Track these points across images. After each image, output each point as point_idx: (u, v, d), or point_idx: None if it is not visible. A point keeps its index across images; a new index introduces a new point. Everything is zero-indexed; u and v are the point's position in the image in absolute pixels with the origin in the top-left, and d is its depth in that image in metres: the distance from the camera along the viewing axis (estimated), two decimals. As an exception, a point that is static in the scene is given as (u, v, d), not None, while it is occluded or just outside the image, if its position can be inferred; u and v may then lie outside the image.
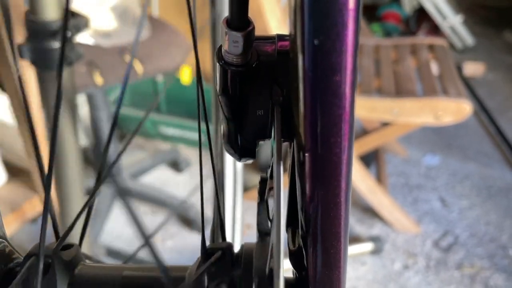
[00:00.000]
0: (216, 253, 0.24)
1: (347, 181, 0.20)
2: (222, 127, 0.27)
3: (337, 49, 0.17)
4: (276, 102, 0.24)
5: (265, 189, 0.24)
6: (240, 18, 0.21)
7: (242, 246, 0.26)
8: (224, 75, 0.23)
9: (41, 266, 0.22)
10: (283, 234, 0.28)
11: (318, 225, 0.22)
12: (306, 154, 0.20)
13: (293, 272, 0.27)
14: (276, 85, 0.24)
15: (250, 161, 0.28)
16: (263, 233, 0.26)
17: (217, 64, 0.23)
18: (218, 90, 0.24)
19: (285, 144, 0.26)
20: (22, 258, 0.25)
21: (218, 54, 0.23)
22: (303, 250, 0.24)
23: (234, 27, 0.21)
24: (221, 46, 0.23)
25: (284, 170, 0.24)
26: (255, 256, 0.24)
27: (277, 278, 0.17)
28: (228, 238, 0.83)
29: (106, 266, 0.26)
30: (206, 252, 0.24)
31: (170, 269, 0.26)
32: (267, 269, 0.24)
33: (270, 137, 0.26)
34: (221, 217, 0.26)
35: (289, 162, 0.25)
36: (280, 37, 0.24)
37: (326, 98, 0.18)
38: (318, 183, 0.20)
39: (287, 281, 0.27)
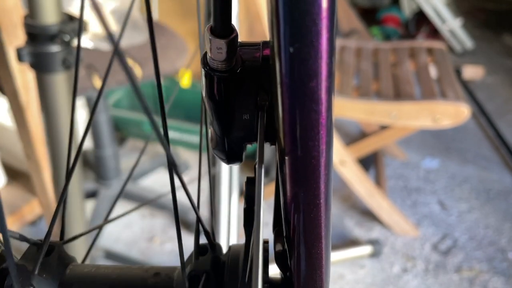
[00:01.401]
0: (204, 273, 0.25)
1: (326, 183, 0.21)
2: (210, 131, 0.27)
3: (312, 56, 0.17)
4: (262, 106, 0.24)
5: (250, 191, 0.25)
6: (223, 26, 0.22)
7: (229, 249, 0.26)
8: (210, 80, 0.24)
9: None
10: (270, 237, 0.28)
11: (299, 226, 0.22)
12: (286, 157, 0.20)
13: (280, 273, 0.28)
14: (262, 90, 0.25)
15: (237, 164, 0.29)
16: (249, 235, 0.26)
17: (202, 70, 0.23)
18: (204, 95, 0.24)
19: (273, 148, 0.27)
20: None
21: (203, 60, 0.23)
22: (287, 251, 0.25)
23: (218, 34, 0.22)
24: (206, 52, 0.23)
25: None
26: (241, 263, 0.25)
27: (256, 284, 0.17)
28: (224, 240, 0.84)
29: (94, 266, 0.27)
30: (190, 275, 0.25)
31: (157, 270, 0.26)
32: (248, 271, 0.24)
33: (256, 140, 0.27)
34: (201, 220, 0.26)
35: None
36: (265, 44, 0.25)
37: (303, 104, 0.18)
38: (298, 185, 0.21)
39: (273, 282, 0.27)
